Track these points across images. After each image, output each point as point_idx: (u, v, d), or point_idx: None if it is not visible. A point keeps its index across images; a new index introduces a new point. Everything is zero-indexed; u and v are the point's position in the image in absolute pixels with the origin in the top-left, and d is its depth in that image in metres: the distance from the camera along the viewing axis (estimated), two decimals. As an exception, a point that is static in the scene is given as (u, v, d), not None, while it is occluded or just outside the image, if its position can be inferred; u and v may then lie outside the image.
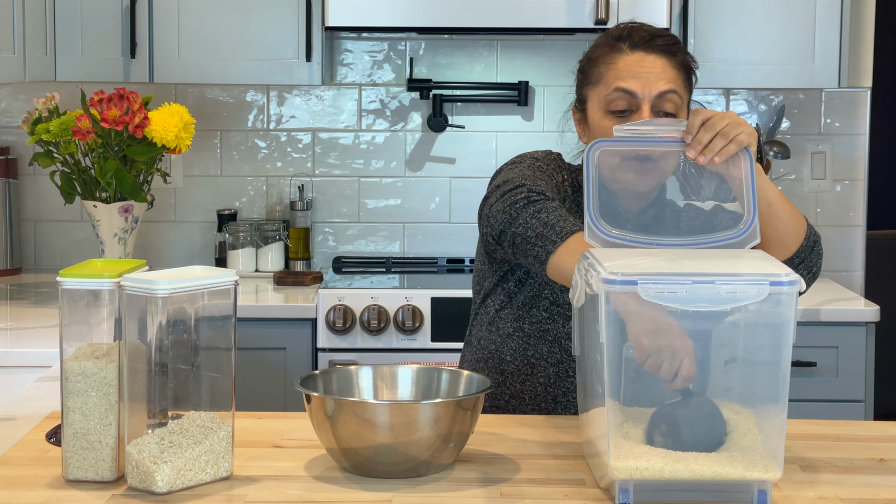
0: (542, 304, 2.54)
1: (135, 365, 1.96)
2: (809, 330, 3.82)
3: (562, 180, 2.58)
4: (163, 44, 4.08)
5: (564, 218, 2.36)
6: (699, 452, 1.93)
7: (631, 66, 2.47)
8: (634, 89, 2.46)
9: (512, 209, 2.40)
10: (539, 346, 2.53)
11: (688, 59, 2.54)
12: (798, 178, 4.49)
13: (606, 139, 2.22)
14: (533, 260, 2.36)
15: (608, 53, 2.51)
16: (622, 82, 2.46)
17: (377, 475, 2.04)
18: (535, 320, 2.54)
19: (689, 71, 2.53)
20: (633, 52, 2.49)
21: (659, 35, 2.51)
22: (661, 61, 2.48)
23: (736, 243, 2.12)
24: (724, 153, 2.18)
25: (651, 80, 2.46)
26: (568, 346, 2.52)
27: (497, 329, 2.58)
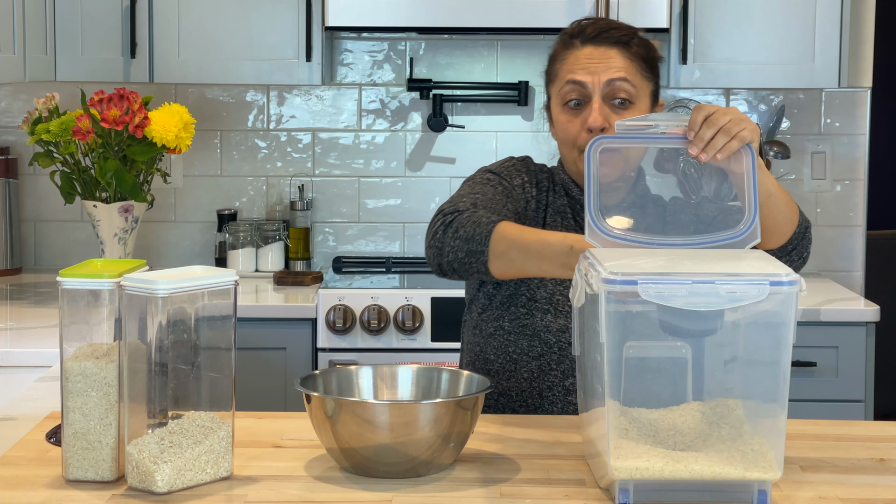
0: (519, 300, 2.56)
1: (135, 365, 1.96)
2: (809, 330, 3.82)
3: (522, 182, 2.62)
4: (163, 44, 4.08)
5: (478, 222, 2.40)
6: (699, 452, 1.93)
7: (580, 59, 2.55)
8: (584, 80, 2.53)
9: (434, 241, 2.46)
10: (519, 341, 2.54)
11: (647, 49, 2.58)
12: (798, 178, 4.49)
13: (607, 136, 2.21)
14: (477, 274, 2.41)
15: (563, 51, 2.60)
16: (572, 75, 2.54)
17: (377, 475, 2.04)
18: (514, 317, 2.55)
19: (647, 61, 2.58)
20: (584, 47, 2.56)
21: (611, 28, 2.57)
22: (612, 52, 2.55)
23: (736, 243, 2.12)
24: (726, 150, 2.18)
25: (600, 69, 2.53)
26: (548, 338, 2.53)
27: (480, 331, 2.60)
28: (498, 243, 2.35)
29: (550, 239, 2.30)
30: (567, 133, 2.56)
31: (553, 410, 2.54)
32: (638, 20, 4.00)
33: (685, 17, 4.08)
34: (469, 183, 2.60)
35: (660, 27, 4.03)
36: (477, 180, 2.60)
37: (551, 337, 2.53)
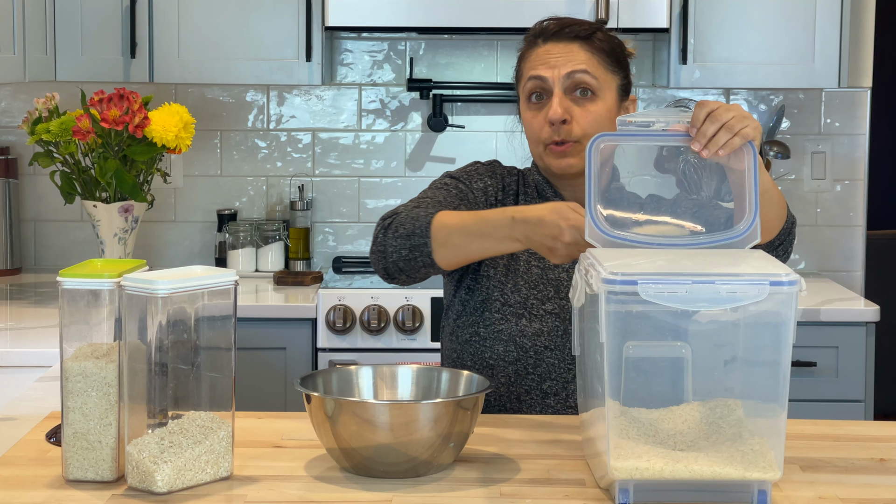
0: (493, 306, 2.56)
1: (135, 365, 1.96)
2: (809, 330, 3.82)
3: (484, 186, 2.62)
4: (163, 44, 4.08)
5: (416, 217, 2.42)
6: (699, 452, 1.93)
7: (541, 56, 2.58)
8: (543, 74, 2.55)
9: (376, 245, 2.47)
10: (495, 346, 2.54)
11: (612, 43, 2.59)
12: (798, 178, 4.49)
13: (608, 133, 2.20)
14: (424, 269, 2.42)
15: (527, 50, 2.63)
16: (533, 70, 2.57)
17: (377, 475, 2.04)
18: (489, 322, 2.55)
19: (612, 54, 2.58)
20: (546, 44, 2.59)
21: (571, 24, 2.59)
22: (573, 46, 2.57)
23: (736, 243, 2.12)
24: (728, 146, 2.17)
25: (559, 63, 2.55)
26: (523, 343, 2.53)
27: (457, 337, 2.60)
28: (438, 232, 2.37)
29: (490, 216, 2.33)
30: (531, 128, 2.57)
31: (531, 414, 2.54)
32: (638, 20, 4.00)
33: (685, 17, 4.08)
34: (426, 188, 2.61)
35: (660, 27, 4.03)
36: (435, 185, 2.61)
37: (527, 341, 2.53)
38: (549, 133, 2.54)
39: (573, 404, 2.53)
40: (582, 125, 2.53)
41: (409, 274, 2.44)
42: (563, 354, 2.53)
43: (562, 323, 2.53)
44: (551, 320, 2.53)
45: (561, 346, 2.52)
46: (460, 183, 2.62)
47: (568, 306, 2.53)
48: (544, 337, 2.52)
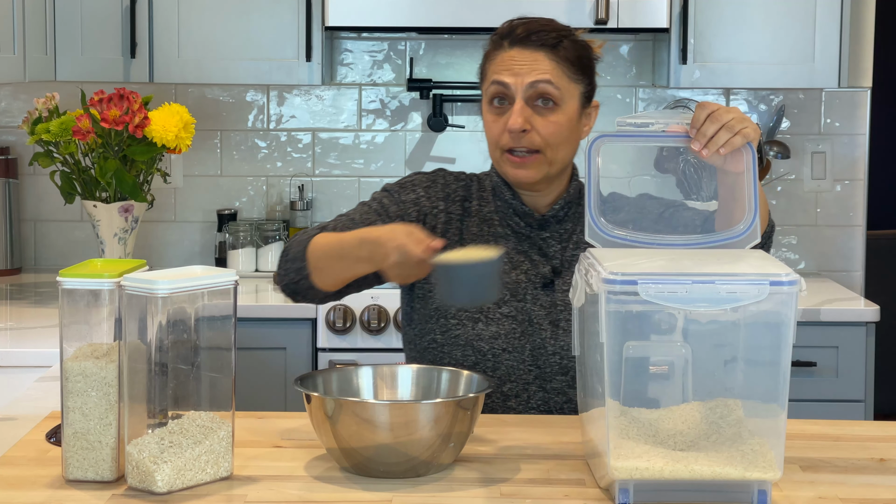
0: (448, 311, 2.55)
1: (135, 365, 1.96)
2: (809, 330, 3.81)
3: (417, 197, 2.62)
4: (163, 44, 4.08)
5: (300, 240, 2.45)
6: (699, 452, 1.93)
7: (506, 61, 2.55)
8: (507, 81, 2.53)
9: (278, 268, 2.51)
10: (453, 352, 2.53)
11: (579, 51, 2.57)
12: (798, 178, 4.49)
13: (608, 133, 2.20)
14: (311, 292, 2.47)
15: (492, 51, 2.60)
16: (498, 75, 2.55)
17: (377, 475, 2.04)
18: (445, 329, 2.55)
19: (577, 62, 2.56)
20: (511, 49, 2.56)
21: (539, 31, 2.56)
22: (538, 55, 2.54)
23: (736, 243, 2.12)
24: (729, 145, 2.17)
25: (524, 71, 2.53)
26: (480, 346, 2.52)
27: (415, 346, 2.60)
28: (312, 255, 2.42)
29: (346, 237, 2.37)
30: (491, 133, 2.56)
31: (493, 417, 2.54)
32: (638, 20, 4.00)
33: (685, 17, 4.08)
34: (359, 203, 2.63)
35: (660, 27, 4.03)
36: (365, 200, 2.64)
37: (484, 345, 2.53)
38: (507, 140, 2.52)
39: (535, 405, 2.53)
40: (542, 135, 2.51)
41: (304, 296, 2.49)
42: (522, 356, 2.52)
43: (518, 325, 2.53)
44: (508, 323, 2.53)
45: (519, 349, 2.52)
46: (387, 197, 2.61)
47: (528, 308, 2.53)
48: (501, 340, 2.52)
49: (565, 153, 2.55)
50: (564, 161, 2.56)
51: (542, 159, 2.52)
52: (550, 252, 2.58)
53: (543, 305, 2.54)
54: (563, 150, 2.54)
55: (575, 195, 2.62)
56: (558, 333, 2.52)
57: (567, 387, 2.52)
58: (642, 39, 4.43)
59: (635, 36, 4.42)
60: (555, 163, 2.54)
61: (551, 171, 2.55)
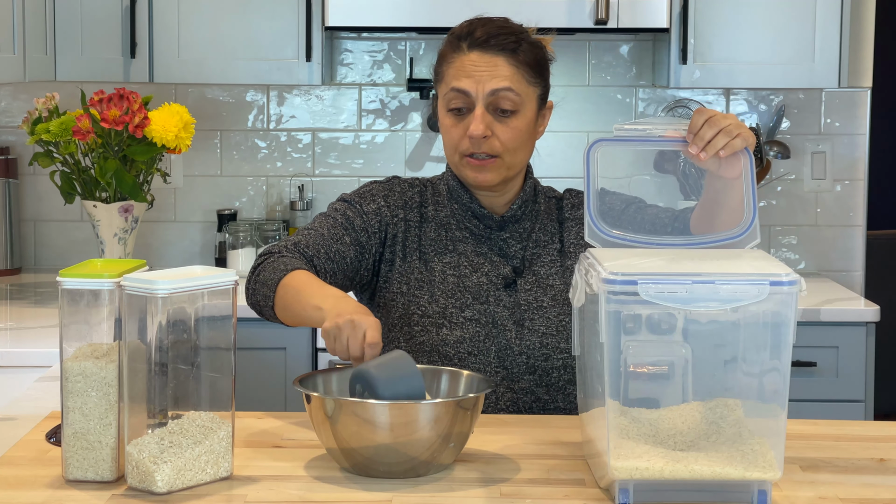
0: (412, 319, 2.55)
1: (135, 365, 1.96)
2: (809, 330, 3.81)
3: (378, 207, 2.61)
4: (163, 44, 4.08)
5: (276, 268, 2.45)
6: (699, 452, 1.93)
7: (466, 66, 2.54)
8: (468, 88, 2.52)
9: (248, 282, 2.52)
10: (419, 358, 2.53)
11: (536, 54, 2.57)
12: (798, 178, 4.49)
13: (607, 138, 2.21)
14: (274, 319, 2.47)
15: (450, 52, 2.58)
16: (457, 81, 2.54)
17: (377, 475, 2.04)
18: (409, 336, 2.55)
19: (535, 66, 2.56)
20: (471, 52, 2.55)
21: (498, 34, 2.55)
22: (498, 60, 2.53)
23: (736, 243, 2.12)
24: (729, 147, 2.18)
25: (484, 78, 2.52)
26: (446, 351, 2.52)
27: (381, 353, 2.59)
28: (280, 294, 2.42)
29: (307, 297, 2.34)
30: (451, 138, 2.56)
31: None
32: (638, 20, 4.00)
33: (685, 17, 4.07)
34: (321, 214, 2.62)
35: (660, 27, 4.03)
36: (327, 211, 2.62)
37: (449, 350, 2.52)
38: (467, 145, 2.53)
39: (504, 406, 2.53)
40: (503, 140, 2.52)
41: (269, 317, 2.49)
42: (488, 359, 2.52)
43: (482, 328, 2.53)
44: (472, 326, 2.53)
45: (484, 352, 2.52)
46: (350, 208, 2.60)
47: (491, 311, 2.53)
48: (466, 343, 2.52)
49: (523, 156, 2.57)
50: (522, 164, 2.58)
51: (501, 163, 2.54)
52: (511, 252, 2.59)
53: (507, 306, 2.54)
54: (521, 154, 2.56)
55: (531, 193, 2.63)
56: (523, 333, 2.53)
57: (535, 386, 2.53)
58: (642, 39, 4.43)
59: (635, 36, 4.42)
60: (513, 167, 2.56)
61: (509, 175, 2.57)
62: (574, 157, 4.42)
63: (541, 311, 2.55)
